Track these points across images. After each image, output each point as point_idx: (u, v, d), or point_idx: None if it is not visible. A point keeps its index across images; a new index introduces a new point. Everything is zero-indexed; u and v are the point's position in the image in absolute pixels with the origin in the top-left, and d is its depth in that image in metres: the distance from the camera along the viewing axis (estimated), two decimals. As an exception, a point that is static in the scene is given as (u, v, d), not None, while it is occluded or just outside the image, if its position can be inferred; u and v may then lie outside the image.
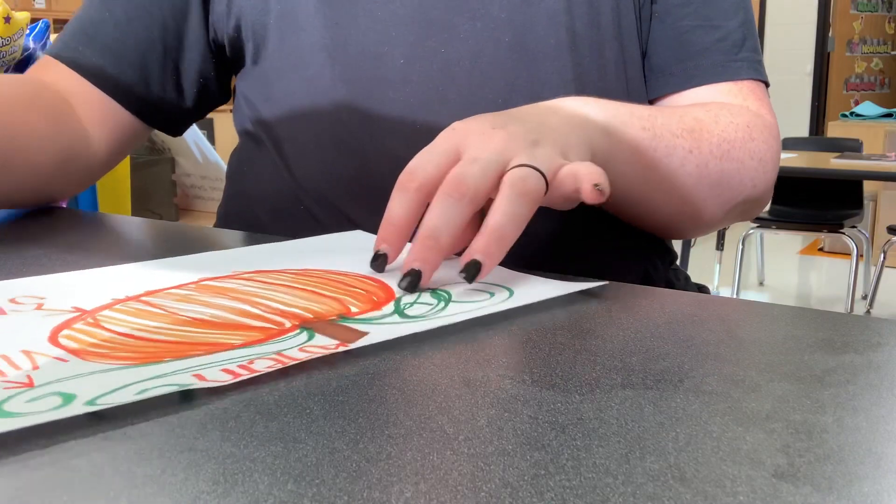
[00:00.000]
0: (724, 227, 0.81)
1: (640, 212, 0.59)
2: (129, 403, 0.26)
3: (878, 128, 4.11)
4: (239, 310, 0.37)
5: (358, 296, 0.39)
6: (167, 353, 0.31)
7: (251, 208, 0.67)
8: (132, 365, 0.29)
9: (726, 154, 0.58)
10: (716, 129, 0.58)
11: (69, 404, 0.26)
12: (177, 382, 0.27)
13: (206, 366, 0.29)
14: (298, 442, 0.24)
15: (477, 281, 0.39)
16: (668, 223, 0.61)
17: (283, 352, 0.31)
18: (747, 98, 0.63)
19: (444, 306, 0.37)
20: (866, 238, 3.37)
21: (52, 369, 0.29)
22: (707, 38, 0.63)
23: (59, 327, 0.34)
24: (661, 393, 0.28)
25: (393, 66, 0.61)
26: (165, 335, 0.33)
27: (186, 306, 0.37)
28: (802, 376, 0.29)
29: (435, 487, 0.21)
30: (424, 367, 0.30)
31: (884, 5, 5.45)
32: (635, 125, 0.54)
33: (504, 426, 0.25)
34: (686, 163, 0.56)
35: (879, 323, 0.36)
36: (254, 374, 0.28)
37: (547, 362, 0.31)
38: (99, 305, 0.37)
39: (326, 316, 0.36)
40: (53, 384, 0.27)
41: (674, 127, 0.56)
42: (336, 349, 0.31)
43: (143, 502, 0.21)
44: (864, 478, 0.22)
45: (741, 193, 0.60)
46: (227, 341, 0.32)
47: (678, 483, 0.21)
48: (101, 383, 0.28)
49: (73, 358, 0.30)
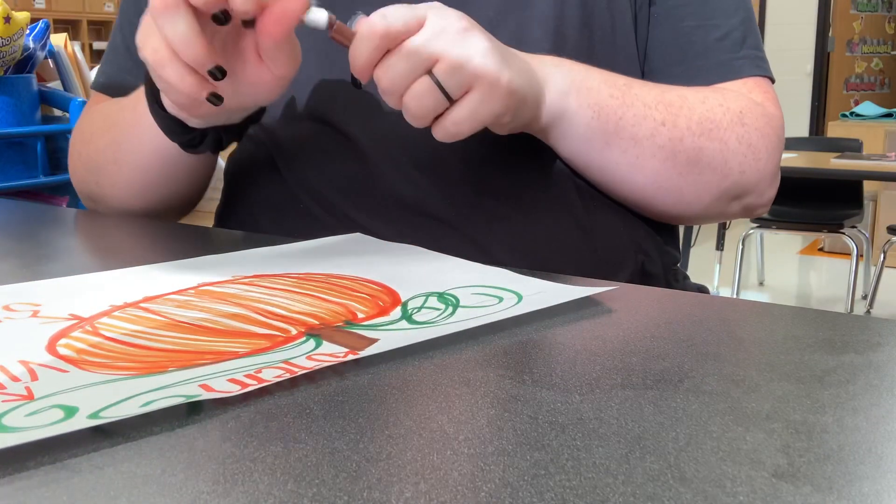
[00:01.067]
0: (721, 220, 0.81)
1: (608, 178, 0.59)
2: (133, 416, 0.25)
3: (878, 128, 4.11)
4: (242, 316, 0.36)
5: (363, 301, 0.38)
6: (170, 363, 0.30)
7: (249, 209, 0.67)
8: (135, 375, 0.28)
9: (707, 132, 0.58)
10: (700, 108, 0.58)
11: (71, 417, 0.25)
12: (183, 393, 0.26)
13: (212, 375, 0.28)
14: (298, 442, 0.24)
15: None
16: (643, 197, 0.60)
17: (290, 360, 0.30)
18: (752, 92, 0.63)
19: (451, 311, 0.36)
20: (866, 238, 3.37)
21: (51, 380, 0.28)
22: (708, 37, 0.63)
23: (56, 335, 0.33)
24: (661, 393, 0.28)
25: None
26: (167, 343, 0.32)
27: (187, 312, 0.36)
28: (802, 376, 0.29)
29: (435, 487, 0.21)
30: (424, 367, 0.30)
31: (884, 5, 5.45)
32: (603, 91, 0.55)
33: (504, 426, 0.25)
34: (657, 134, 0.56)
35: (879, 323, 0.36)
36: (263, 385, 0.27)
37: (547, 362, 0.31)
38: (97, 312, 0.36)
39: (332, 322, 0.35)
40: (54, 396, 0.26)
41: (649, 99, 0.57)
42: (345, 357, 0.30)
43: (143, 502, 0.21)
44: (864, 478, 0.22)
45: (727, 177, 0.59)
46: (233, 350, 0.31)
47: (678, 483, 0.21)
48: (103, 395, 0.27)
49: (73, 368, 0.29)
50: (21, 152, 1.30)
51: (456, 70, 0.46)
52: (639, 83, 0.58)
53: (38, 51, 1.33)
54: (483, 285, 0.41)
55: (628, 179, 0.58)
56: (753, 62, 0.64)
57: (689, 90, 0.59)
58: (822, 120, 5.45)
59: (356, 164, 0.61)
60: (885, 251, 3.02)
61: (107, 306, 0.37)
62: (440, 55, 0.46)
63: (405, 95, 0.47)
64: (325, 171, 0.62)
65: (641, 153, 0.57)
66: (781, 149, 0.63)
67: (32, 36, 1.32)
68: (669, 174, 0.58)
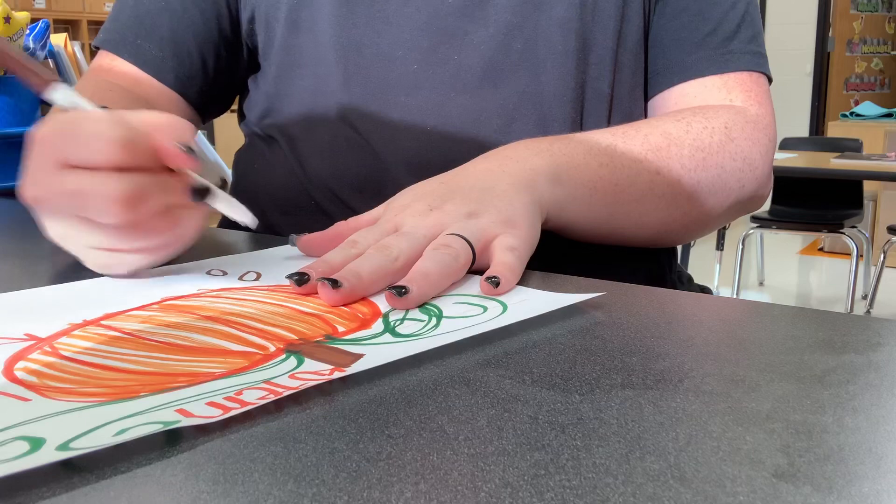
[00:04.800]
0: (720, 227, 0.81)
1: (618, 240, 0.58)
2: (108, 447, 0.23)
3: (878, 128, 4.11)
4: (214, 331, 0.34)
5: (342, 313, 0.37)
6: (142, 387, 0.28)
7: (259, 204, 0.67)
8: (104, 402, 0.26)
9: (701, 163, 0.56)
10: (687, 139, 0.56)
11: (38, 450, 0.22)
12: (160, 420, 0.25)
13: (189, 399, 0.26)
14: (298, 442, 0.24)
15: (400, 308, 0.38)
16: (651, 241, 0.60)
17: (272, 380, 0.28)
18: (732, 91, 0.62)
19: (436, 323, 0.35)
20: (866, 238, 3.37)
21: (12, 410, 0.26)
22: (697, 33, 0.63)
23: (12, 358, 0.31)
24: (661, 393, 0.28)
25: (406, 71, 0.61)
26: (136, 364, 0.30)
27: (154, 329, 0.34)
28: (802, 376, 0.29)
29: (435, 487, 0.21)
30: (424, 367, 0.30)
31: (884, 5, 5.45)
32: (592, 164, 0.53)
33: (504, 426, 0.25)
34: (655, 186, 0.55)
35: (879, 323, 0.36)
36: (246, 408, 0.26)
37: (547, 362, 0.31)
38: (55, 332, 0.34)
39: (312, 337, 0.33)
40: (17, 427, 0.24)
41: (637, 150, 0.55)
42: (331, 375, 0.29)
43: (143, 502, 0.21)
44: (864, 478, 0.22)
45: (728, 198, 0.59)
46: (209, 370, 0.29)
47: (678, 483, 0.21)
48: (72, 424, 0.24)
49: (36, 396, 0.27)
50: (21, 152, 1.30)
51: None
52: (620, 133, 0.56)
53: (38, 51, 1.33)
54: (466, 294, 0.40)
55: (635, 234, 0.58)
56: (742, 57, 0.62)
57: (669, 120, 0.58)
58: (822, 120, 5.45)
59: (368, 163, 0.62)
60: (885, 251, 3.02)
61: (65, 324, 0.35)
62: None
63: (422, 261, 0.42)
64: (337, 169, 0.63)
65: (644, 210, 0.56)
66: (774, 146, 0.63)
67: (32, 36, 1.32)
68: (674, 216, 0.57)
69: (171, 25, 0.66)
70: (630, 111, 0.64)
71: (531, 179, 0.49)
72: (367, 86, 0.61)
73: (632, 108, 0.64)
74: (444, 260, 0.40)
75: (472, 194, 0.46)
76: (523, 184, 0.49)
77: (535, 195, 0.49)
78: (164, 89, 0.66)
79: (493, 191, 0.47)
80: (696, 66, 0.62)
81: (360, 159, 0.62)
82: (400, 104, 0.61)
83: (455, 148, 0.52)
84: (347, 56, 0.62)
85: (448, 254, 0.41)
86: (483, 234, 0.43)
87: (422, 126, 0.60)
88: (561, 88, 0.61)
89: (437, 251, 0.41)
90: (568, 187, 0.51)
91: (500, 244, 0.43)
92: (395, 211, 0.46)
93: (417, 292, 0.37)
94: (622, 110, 0.64)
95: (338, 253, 0.42)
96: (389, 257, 0.41)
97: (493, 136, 0.59)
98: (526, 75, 0.60)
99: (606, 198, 0.53)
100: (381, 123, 0.61)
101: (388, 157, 0.61)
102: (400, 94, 0.61)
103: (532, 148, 0.52)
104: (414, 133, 0.60)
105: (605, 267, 0.58)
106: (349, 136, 0.62)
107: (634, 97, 0.65)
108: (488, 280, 0.39)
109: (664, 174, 0.55)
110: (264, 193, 0.67)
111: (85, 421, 0.25)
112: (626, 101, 0.64)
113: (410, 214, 0.45)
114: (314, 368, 0.29)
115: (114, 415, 0.25)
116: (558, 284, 0.43)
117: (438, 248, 0.41)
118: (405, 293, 0.37)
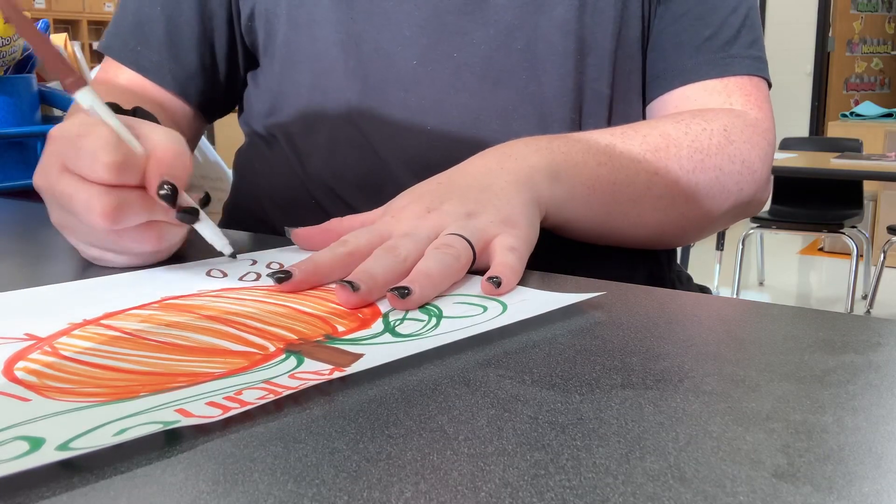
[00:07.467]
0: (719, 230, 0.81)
1: (615, 240, 0.58)
2: (108, 447, 0.23)
3: (878, 128, 4.11)
4: (213, 330, 0.34)
5: (342, 312, 0.37)
6: (141, 387, 0.28)
7: (259, 202, 0.67)
8: (104, 402, 0.26)
9: (700, 165, 0.56)
10: (685, 140, 0.56)
11: (38, 450, 0.22)
12: (159, 420, 0.25)
13: (188, 399, 0.26)
14: (298, 442, 0.24)
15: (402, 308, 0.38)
16: (649, 242, 0.60)
17: (271, 380, 0.28)
18: (732, 95, 0.62)
19: (435, 323, 0.35)
20: (866, 238, 3.37)
21: (12, 410, 0.26)
22: (698, 36, 0.63)
23: (12, 358, 0.31)
24: (661, 393, 0.28)
25: (405, 67, 0.61)
26: (136, 364, 0.30)
27: (154, 329, 0.34)
28: (802, 376, 0.29)
29: (435, 487, 0.21)
30: (424, 367, 0.30)
31: (884, 5, 5.45)
32: (590, 163, 0.53)
33: (504, 426, 0.25)
34: (652, 186, 0.55)
35: (879, 323, 0.36)
36: (245, 408, 0.26)
37: (547, 362, 0.31)
38: (55, 331, 0.34)
39: (312, 337, 0.33)
40: (16, 427, 0.24)
41: (635, 150, 0.55)
42: (331, 374, 0.29)
43: (143, 502, 0.21)
44: (864, 478, 0.22)
45: (726, 200, 0.59)
46: (208, 370, 0.29)
47: (678, 483, 0.21)
48: (71, 424, 0.24)
49: (36, 396, 0.27)
50: (21, 152, 1.30)
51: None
52: (619, 133, 0.56)
53: (38, 51, 1.33)
54: (466, 294, 0.40)
55: (633, 234, 0.58)
56: (741, 61, 0.62)
57: (668, 122, 0.58)
58: (822, 120, 5.45)
59: (368, 162, 0.62)
60: (885, 251, 3.03)
61: (65, 324, 0.35)
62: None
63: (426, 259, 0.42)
64: (337, 167, 0.63)
65: (642, 210, 0.56)
66: (773, 151, 0.63)
67: (32, 36, 1.32)
68: (672, 218, 0.57)
69: (168, 27, 0.66)
70: (629, 113, 0.64)
71: (529, 177, 0.49)
72: (367, 81, 0.61)
73: (631, 109, 0.64)
74: (446, 260, 0.40)
75: (470, 193, 0.46)
76: (522, 181, 0.48)
77: (534, 193, 0.49)
78: (167, 93, 0.67)
79: (491, 189, 0.47)
80: (696, 69, 0.62)
81: (360, 158, 0.62)
82: (399, 100, 0.61)
83: (455, 147, 0.52)
84: (346, 51, 0.62)
85: (450, 254, 0.41)
86: (483, 234, 0.43)
87: (422, 125, 0.60)
88: (560, 89, 0.61)
89: (439, 251, 0.41)
90: (566, 185, 0.51)
91: (501, 244, 0.43)
92: (393, 213, 0.46)
93: (419, 293, 0.37)
94: (621, 112, 0.64)
95: (326, 253, 0.42)
96: (398, 258, 0.41)
97: (492, 135, 0.59)
98: (526, 76, 0.60)
99: (604, 197, 0.53)
100: (381, 121, 0.61)
101: (389, 155, 0.61)
102: (399, 89, 0.61)
103: (531, 145, 0.52)
104: (414, 132, 0.60)
105: (605, 267, 0.58)
106: (349, 133, 0.62)
107: (633, 99, 0.65)
108: (490, 280, 0.39)
109: (662, 174, 0.55)
110: (265, 192, 0.67)
111: (85, 421, 0.25)
112: (626, 103, 0.64)
113: (409, 216, 0.45)
114: (314, 368, 0.30)
115: (113, 415, 0.25)
116: (558, 284, 0.43)
117: (440, 248, 0.41)
118: (407, 294, 0.37)
